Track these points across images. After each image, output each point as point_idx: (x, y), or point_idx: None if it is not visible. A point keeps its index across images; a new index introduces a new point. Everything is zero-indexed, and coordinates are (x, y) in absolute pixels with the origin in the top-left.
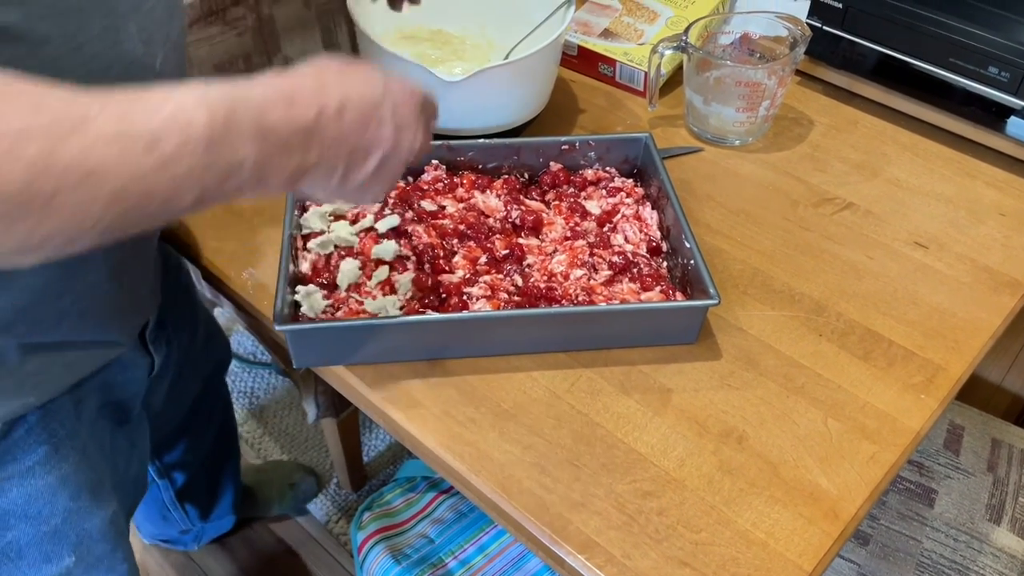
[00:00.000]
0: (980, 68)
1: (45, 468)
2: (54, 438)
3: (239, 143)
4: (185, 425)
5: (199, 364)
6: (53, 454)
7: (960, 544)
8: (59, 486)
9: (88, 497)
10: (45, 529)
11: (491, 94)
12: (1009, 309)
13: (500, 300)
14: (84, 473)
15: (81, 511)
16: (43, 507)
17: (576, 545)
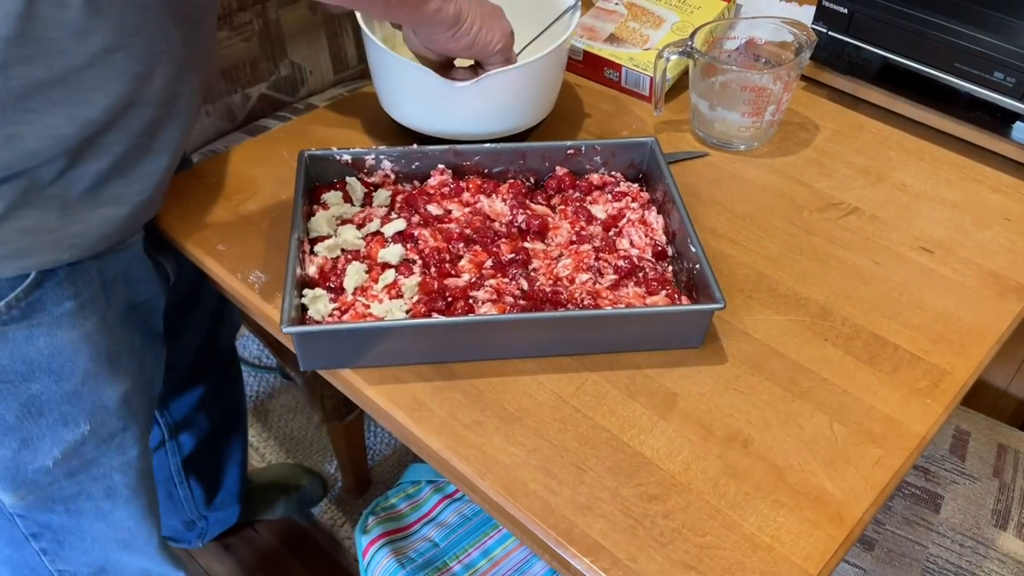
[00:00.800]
0: (986, 73)
1: (71, 322)
2: (80, 296)
3: None
4: (195, 371)
5: (209, 299)
6: (78, 311)
7: (966, 550)
8: (81, 343)
9: (106, 363)
10: (67, 387)
11: (497, 99)
12: (1015, 314)
13: (506, 304)
14: (104, 338)
15: (99, 377)
16: (65, 363)
17: (582, 548)
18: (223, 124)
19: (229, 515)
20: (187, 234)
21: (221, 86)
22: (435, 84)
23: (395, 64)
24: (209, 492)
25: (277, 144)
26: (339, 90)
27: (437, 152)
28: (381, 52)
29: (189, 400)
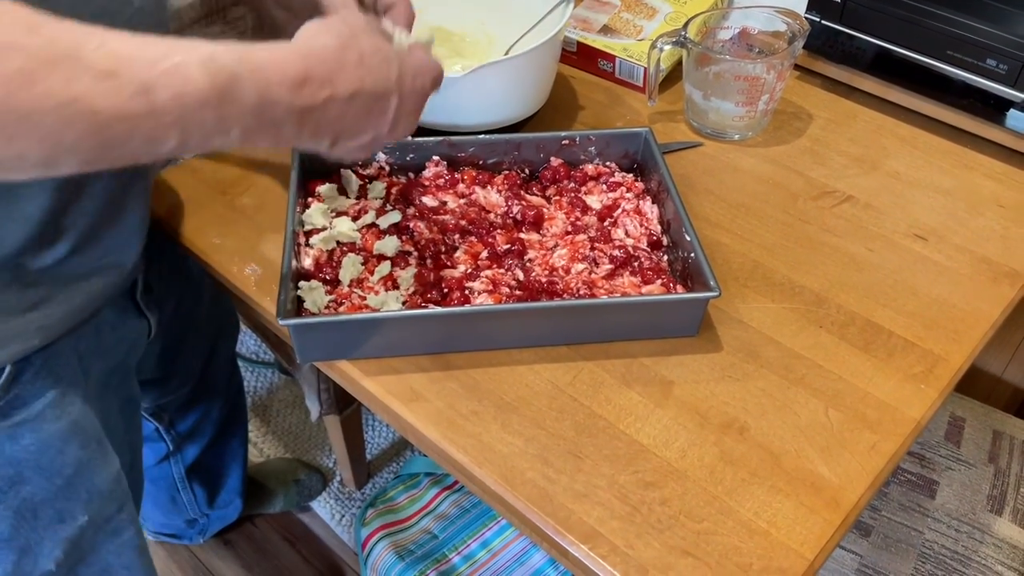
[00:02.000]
0: (978, 61)
1: (55, 413)
2: (60, 383)
3: (233, 112)
4: (198, 391)
5: (204, 326)
6: (60, 399)
7: (962, 535)
8: (69, 433)
9: (96, 447)
10: (59, 482)
11: (491, 90)
12: (1008, 300)
13: (502, 294)
14: (91, 420)
15: (92, 463)
16: (55, 457)
17: (579, 535)
18: None
19: (230, 512)
20: (182, 228)
21: None
22: None
23: None
24: (211, 493)
25: None
26: None
27: (432, 144)
28: None
29: (194, 416)
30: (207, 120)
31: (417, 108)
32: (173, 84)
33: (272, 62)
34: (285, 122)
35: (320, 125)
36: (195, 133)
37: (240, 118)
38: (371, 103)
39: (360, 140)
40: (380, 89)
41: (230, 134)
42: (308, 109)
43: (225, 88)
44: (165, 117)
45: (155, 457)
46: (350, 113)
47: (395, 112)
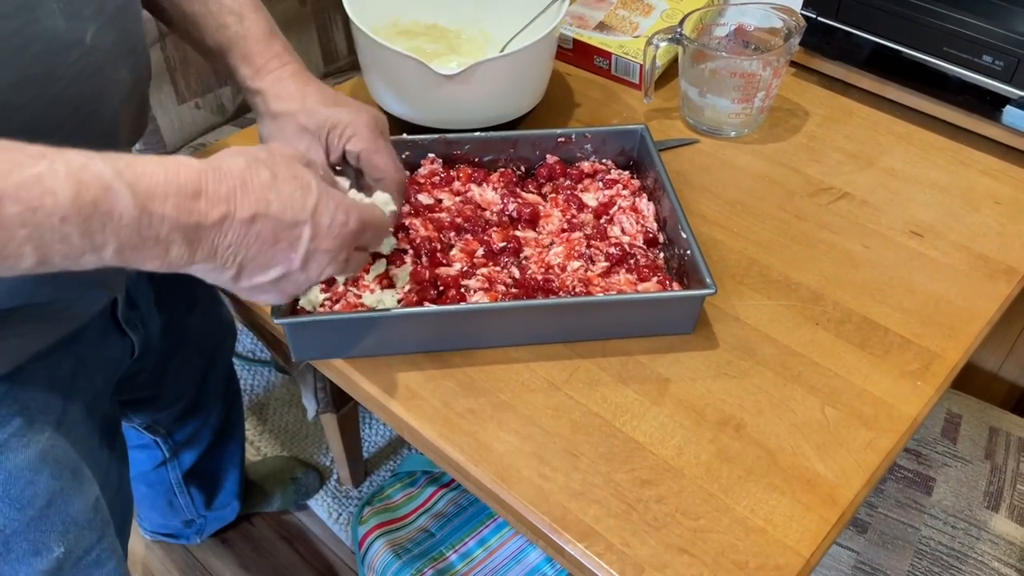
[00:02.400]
0: (974, 57)
1: (22, 441)
2: (27, 410)
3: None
4: (196, 403)
5: (199, 341)
6: (28, 426)
7: (958, 531)
8: (39, 462)
9: (70, 475)
10: (31, 513)
11: (487, 88)
12: (1005, 296)
13: (498, 292)
14: (63, 448)
15: (66, 492)
16: (25, 487)
17: (576, 534)
18: (213, 118)
19: (228, 513)
20: None
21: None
22: (424, 74)
23: (385, 54)
24: (208, 496)
25: None
26: (329, 82)
27: (427, 141)
28: (371, 43)
29: (191, 426)
30: (70, 236)
31: (337, 247)
32: (27, 197)
33: (162, 172)
34: (172, 241)
35: (216, 249)
36: (56, 250)
37: (115, 234)
38: (278, 231)
39: (268, 275)
40: (288, 217)
41: (103, 252)
42: (198, 227)
43: (94, 201)
44: (16, 231)
45: (151, 463)
46: (251, 239)
47: (307, 246)
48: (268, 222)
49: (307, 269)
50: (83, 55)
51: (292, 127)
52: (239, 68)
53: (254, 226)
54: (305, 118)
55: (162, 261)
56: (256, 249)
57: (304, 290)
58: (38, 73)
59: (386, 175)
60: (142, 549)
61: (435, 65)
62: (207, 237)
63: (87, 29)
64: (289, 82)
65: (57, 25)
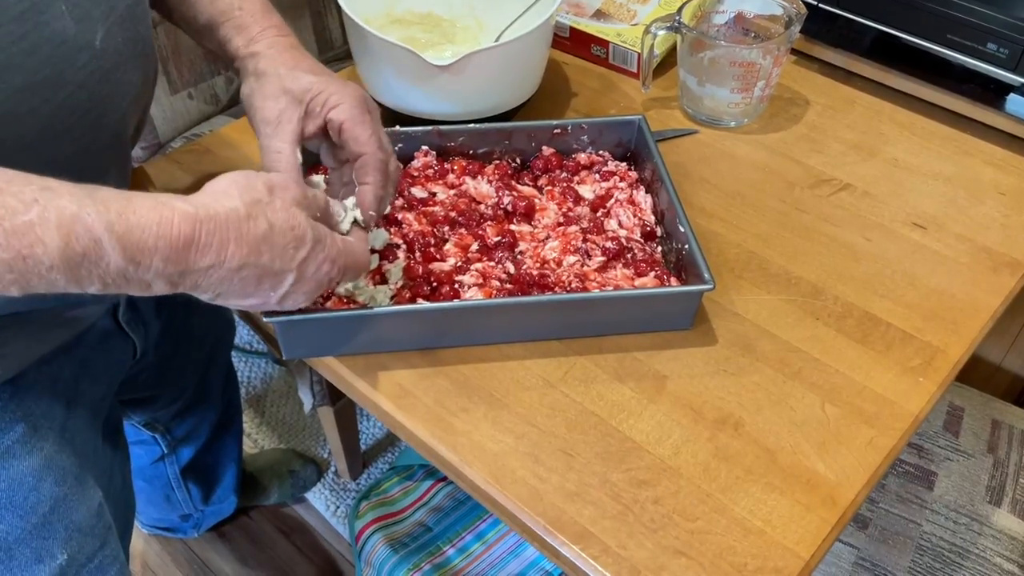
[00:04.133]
0: (978, 45)
1: (25, 448)
2: (31, 416)
3: (91, 274)
4: (195, 400)
5: (199, 340)
6: (32, 433)
7: (960, 527)
8: (43, 469)
9: (74, 482)
10: (34, 520)
11: (481, 78)
12: (1009, 289)
13: (492, 288)
14: (67, 455)
15: (69, 499)
16: (28, 494)
17: (571, 536)
18: (207, 107)
19: (226, 507)
20: None
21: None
22: (418, 64)
23: (377, 44)
24: (206, 491)
25: None
26: None
27: (421, 133)
28: (363, 32)
29: (190, 422)
30: (56, 281)
31: (314, 289)
32: (18, 245)
33: (155, 224)
34: (155, 282)
35: (199, 285)
36: (40, 288)
37: (100, 279)
38: (263, 276)
39: (243, 303)
40: (276, 267)
41: (86, 288)
42: (183, 273)
43: (84, 252)
44: (4, 275)
45: (149, 458)
46: (235, 282)
47: (288, 289)
48: (256, 270)
49: (282, 304)
50: (92, 58)
51: (274, 87)
52: (232, 39)
53: (241, 272)
54: (290, 81)
55: (143, 293)
56: (239, 288)
57: (269, 307)
58: (46, 77)
59: (367, 151)
60: (140, 543)
61: (429, 55)
62: (191, 278)
63: (97, 32)
64: (284, 50)
65: (66, 28)
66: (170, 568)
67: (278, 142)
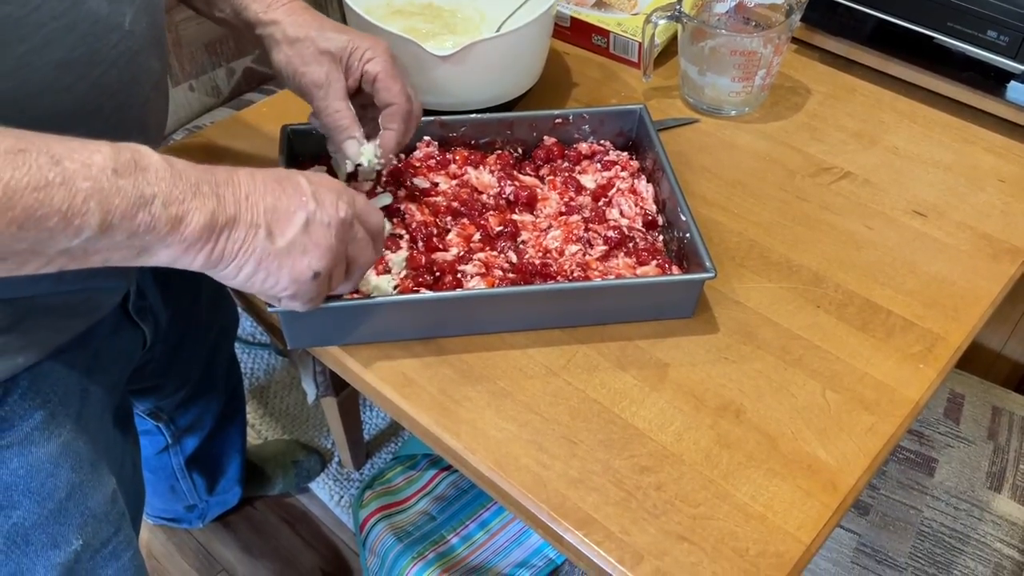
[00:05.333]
0: (979, 32)
1: (44, 435)
2: (49, 403)
3: (145, 180)
4: (199, 389)
5: (204, 329)
6: (50, 419)
7: (961, 512)
8: (60, 455)
9: (90, 469)
10: (51, 506)
11: (483, 68)
12: (1009, 276)
13: (495, 277)
14: (84, 442)
15: (85, 485)
16: (46, 480)
17: (574, 522)
18: (208, 100)
19: (230, 497)
20: None
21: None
22: (419, 55)
23: (378, 34)
24: (211, 482)
25: (260, 119)
26: None
27: (422, 123)
28: (364, 22)
29: (194, 412)
30: (124, 188)
31: (337, 192)
32: (80, 157)
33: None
34: (201, 191)
35: (240, 205)
36: (115, 205)
37: (157, 184)
38: (278, 178)
39: (294, 222)
40: (282, 173)
41: (152, 206)
42: (215, 182)
43: (132, 159)
44: (79, 184)
45: (154, 449)
46: (258, 185)
47: (309, 188)
48: (263, 176)
49: (323, 205)
50: (122, 39)
51: (311, 51)
52: (249, 6)
53: (256, 180)
54: (324, 42)
55: (203, 217)
56: (270, 197)
57: (334, 240)
58: (82, 54)
59: (398, 101)
60: (145, 533)
61: (430, 46)
62: (228, 190)
63: (126, 14)
64: (304, 13)
65: (100, 7)
66: (175, 558)
67: (334, 102)
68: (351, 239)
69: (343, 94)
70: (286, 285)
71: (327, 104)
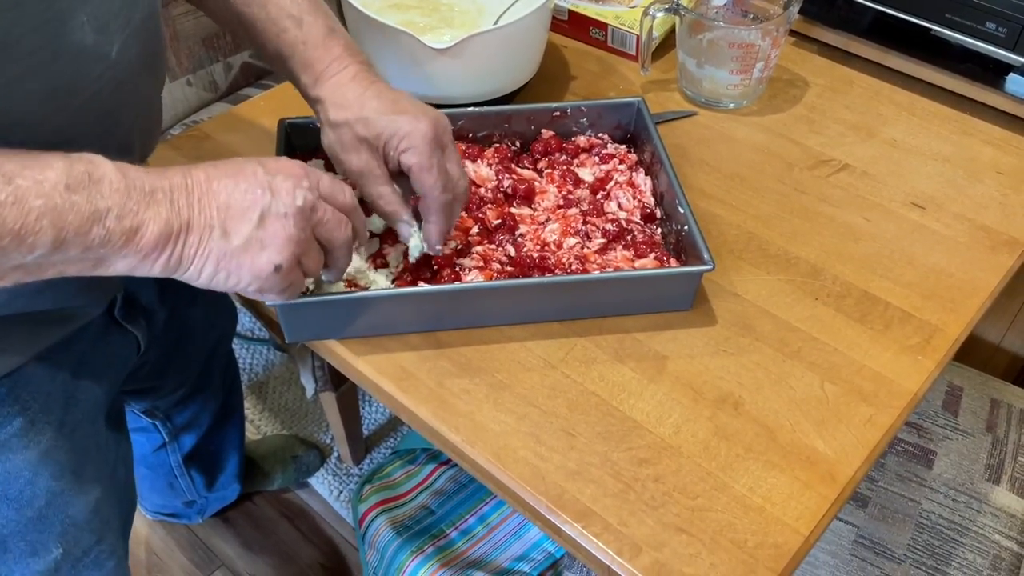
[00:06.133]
0: (977, 24)
1: (22, 442)
2: (28, 411)
3: (99, 194)
4: (196, 388)
5: (203, 331)
6: (29, 427)
7: (959, 504)
8: (39, 463)
9: (71, 477)
10: (29, 514)
11: (480, 61)
12: (1007, 268)
13: (493, 271)
14: (64, 450)
15: (65, 493)
16: (24, 487)
17: (572, 514)
18: (206, 94)
19: (229, 493)
20: None
21: (203, 55)
22: (416, 48)
23: (376, 28)
24: (209, 479)
25: (257, 113)
26: None
27: None
28: (362, 16)
29: (191, 411)
30: (77, 203)
31: (296, 177)
32: (31, 173)
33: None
34: (156, 199)
35: (192, 203)
36: (68, 222)
37: (111, 197)
38: (231, 171)
39: (248, 218)
40: (237, 166)
41: (107, 219)
42: (171, 188)
43: (86, 172)
44: (32, 202)
45: (151, 446)
46: (213, 183)
47: (264, 176)
48: (220, 170)
49: (277, 194)
50: (107, 69)
51: (350, 137)
52: (300, 77)
53: (211, 178)
54: (363, 128)
55: (158, 227)
56: (224, 195)
57: (293, 230)
58: (63, 85)
59: (429, 195)
60: (144, 528)
61: (427, 39)
62: (181, 196)
63: (114, 43)
64: (348, 88)
65: (85, 38)
66: (174, 553)
67: (376, 188)
68: (318, 223)
69: (385, 179)
70: (249, 281)
71: (370, 191)
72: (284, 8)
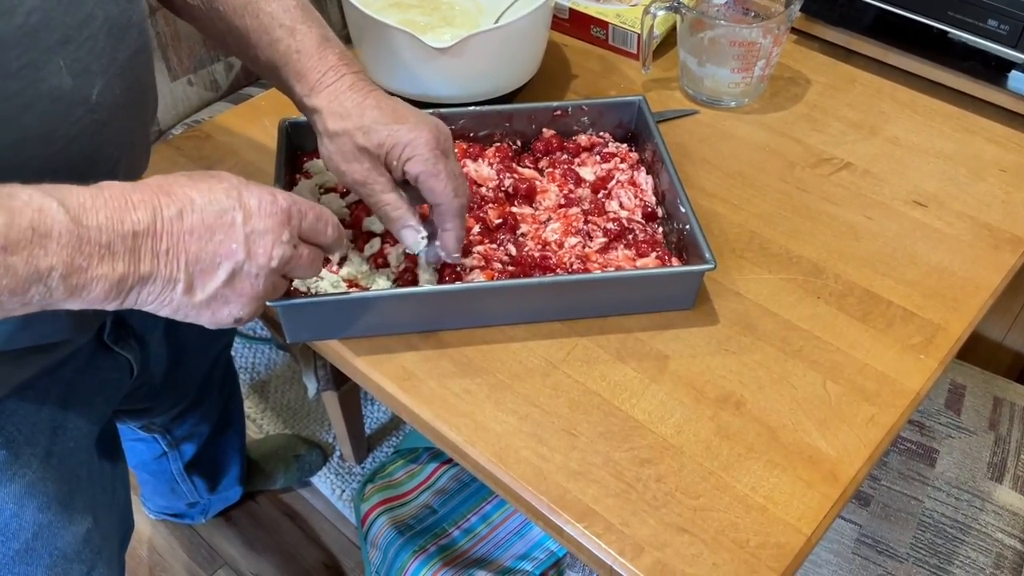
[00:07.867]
0: (979, 21)
1: (6, 474)
2: (12, 443)
3: (44, 250)
4: (196, 400)
5: (201, 346)
6: (13, 459)
7: (962, 503)
8: (24, 495)
9: (59, 509)
10: (16, 547)
11: (481, 60)
12: (1010, 266)
13: (494, 270)
14: (52, 481)
15: (53, 525)
16: (10, 520)
17: (574, 514)
18: (207, 94)
19: (231, 495)
20: None
21: (204, 55)
22: (417, 47)
23: (377, 28)
24: (211, 483)
25: (258, 113)
26: None
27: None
28: (362, 16)
29: (190, 422)
30: (14, 266)
31: (275, 224)
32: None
33: (87, 192)
34: (115, 253)
35: (157, 255)
36: (3, 286)
37: (57, 255)
38: (208, 220)
39: (218, 275)
40: (215, 207)
41: (50, 279)
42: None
43: (30, 224)
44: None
45: (151, 454)
46: (186, 235)
47: (243, 230)
48: (196, 215)
49: (253, 255)
50: (87, 112)
51: (350, 147)
52: (294, 86)
53: (184, 221)
54: (363, 138)
55: (109, 283)
56: (195, 246)
57: (268, 287)
58: (39, 133)
59: (443, 201)
60: (147, 528)
61: (428, 38)
62: (145, 244)
63: (94, 85)
64: (346, 97)
65: (63, 84)
66: (177, 552)
67: (381, 196)
68: (291, 268)
69: (389, 187)
70: (206, 323)
71: (375, 200)
72: (276, 18)
